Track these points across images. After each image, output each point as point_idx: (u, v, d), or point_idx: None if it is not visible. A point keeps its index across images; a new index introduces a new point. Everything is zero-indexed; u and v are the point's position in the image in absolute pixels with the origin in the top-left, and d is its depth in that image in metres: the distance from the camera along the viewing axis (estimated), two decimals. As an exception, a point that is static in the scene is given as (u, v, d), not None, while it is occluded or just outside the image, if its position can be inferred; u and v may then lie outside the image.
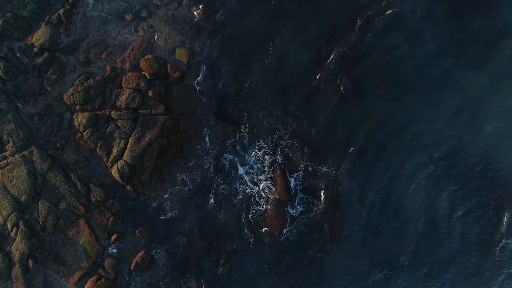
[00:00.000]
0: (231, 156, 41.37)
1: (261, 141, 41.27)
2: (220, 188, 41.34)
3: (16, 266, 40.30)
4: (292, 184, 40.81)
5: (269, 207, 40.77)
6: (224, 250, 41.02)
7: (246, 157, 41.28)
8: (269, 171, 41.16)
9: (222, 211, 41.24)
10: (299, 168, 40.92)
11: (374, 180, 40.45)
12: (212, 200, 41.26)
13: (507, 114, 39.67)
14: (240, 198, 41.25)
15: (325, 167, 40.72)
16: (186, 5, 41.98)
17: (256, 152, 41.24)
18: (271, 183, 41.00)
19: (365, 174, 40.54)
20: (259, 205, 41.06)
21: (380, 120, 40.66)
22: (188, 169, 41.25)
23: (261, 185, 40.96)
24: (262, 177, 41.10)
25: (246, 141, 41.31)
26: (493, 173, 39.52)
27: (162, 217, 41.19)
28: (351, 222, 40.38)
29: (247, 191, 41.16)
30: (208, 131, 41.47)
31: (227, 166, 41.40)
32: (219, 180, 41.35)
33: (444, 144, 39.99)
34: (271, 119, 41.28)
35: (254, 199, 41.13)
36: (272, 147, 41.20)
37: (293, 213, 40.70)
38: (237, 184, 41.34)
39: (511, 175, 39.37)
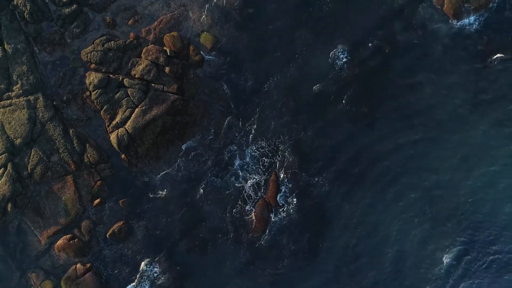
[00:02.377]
0: (233, 148, 41.11)
1: (264, 141, 41.10)
2: (212, 179, 41.15)
3: (-5, 206, 40.18)
4: (282, 192, 40.64)
5: (255, 208, 40.66)
6: (202, 239, 40.91)
7: (246, 152, 41.12)
8: (264, 172, 41.01)
9: (209, 201, 41.08)
10: (293, 177, 40.75)
11: (365, 205, 40.23)
12: (202, 189, 41.11)
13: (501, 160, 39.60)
14: (230, 193, 41.09)
15: (319, 182, 40.53)
16: (221, -8, 41.77)
17: (256, 151, 41.06)
18: (262, 185, 40.86)
19: (359, 198, 40.32)
20: (247, 203, 40.93)
21: (385, 148, 40.49)
22: (185, 153, 41.05)
23: (252, 183, 40.78)
24: (256, 176, 40.96)
25: (250, 137, 41.15)
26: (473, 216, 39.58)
27: (149, 194, 41.01)
28: (331, 245, 40.20)
29: (237, 186, 41.01)
30: (215, 120, 41.20)
31: (226, 158, 41.18)
32: (213, 171, 41.16)
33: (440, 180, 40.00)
34: (279, 123, 41.14)
35: (243, 196, 40.99)
36: (272, 150, 41.04)
37: (277, 220, 40.57)
38: (230, 178, 41.15)
39: (487, 221, 39.33)
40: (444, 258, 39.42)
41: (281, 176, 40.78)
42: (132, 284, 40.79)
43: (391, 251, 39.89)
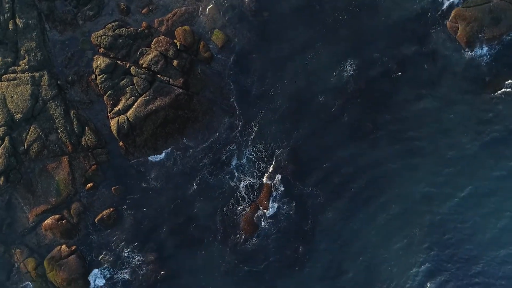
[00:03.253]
0: (233, 147, 41.03)
1: (262, 145, 41.01)
2: (207, 176, 41.07)
3: (-13, 178, 40.08)
4: (275, 198, 40.62)
5: (246, 210, 40.65)
6: (189, 235, 40.85)
7: (244, 154, 41.08)
8: (259, 176, 40.96)
9: (201, 198, 41.00)
10: (287, 185, 40.72)
11: (356, 222, 40.24)
12: (196, 184, 41.03)
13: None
14: (223, 192, 41.01)
15: (313, 193, 40.52)
16: (239, -8, 41.69)
17: (253, 154, 41.02)
18: (256, 188, 40.83)
19: (351, 214, 40.33)
20: (238, 205, 40.90)
21: (382, 167, 40.49)
22: (183, 148, 40.99)
23: (246, 185, 40.75)
24: (250, 179, 40.93)
25: (250, 139, 41.07)
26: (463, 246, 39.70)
27: (143, 184, 40.92)
28: (317, 257, 40.20)
29: (232, 185, 40.95)
30: (217, 118, 41.12)
31: (223, 157, 41.11)
32: (209, 168, 41.08)
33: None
34: (280, 128, 41.06)
35: (236, 197, 40.94)
36: (269, 155, 40.98)
37: (266, 226, 40.54)
38: (225, 176, 41.06)
39: (469, 241, 39.57)
40: (423, 280, 39.59)
41: (275, 182, 40.74)
42: (103, 267, 40.67)
43: (377, 270, 39.88)
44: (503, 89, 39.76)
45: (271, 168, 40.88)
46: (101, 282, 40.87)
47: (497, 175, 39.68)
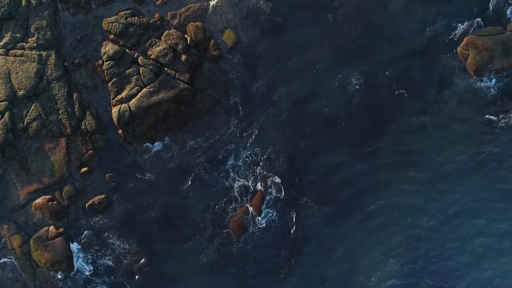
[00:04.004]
0: (231, 147, 40.94)
1: (260, 149, 40.95)
2: (202, 173, 41.00)
3: (-17, 151, 40.03)
4: (267, 204, 40.56)
5: (237, 212, 40.60)
6: (178, 231, 40.81)
7: (241, 155, 40.99)
8: (253, 180, 40.91)
9: (194, 195, 40.91)
10: (281, 192, 40.69)
11: (346, 237, 40.28)
12: (190, 181, 40.97)
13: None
14: (216, 191, 40.92)
15: (307, 203, 40.50)
16: (257, -5, 41.62)
17: (250, 156, 40.95)
18: (250, 192, 40.78)
19: (342, 228, 40.35)
20: (230, 205, 40.83)
21: (379, 183, 40.51)
22: (182, 143, 40.91)
23: (240, 187, 40.71)
24: (245, 182, 40.86)
25: (249, 142, 41.00)
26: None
27: (137, 174, 40.86)
28: (303, 269, 40.21)
29: (226, 185, 40.89)
30: (219, 117, 41.07)
31: (220, 157, 41.01)
32: (205, 166, 41.00)
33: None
34: (280, 134, 41.01)
35: (229, 197, 40.87)
36: (266, 160, 40.89)
37: (255, 231, 40.51)
38: (220, 175, 40.94)
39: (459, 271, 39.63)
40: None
41: (269, 188, 40.71)
42: (88, 251, 40.56)
43: (357, 279, 39.96)
44: (506, 119, 39.83)
45: (266, 173, 40.84)
46: (85, 266, 40.81)
47: (488, 197, 39.81)
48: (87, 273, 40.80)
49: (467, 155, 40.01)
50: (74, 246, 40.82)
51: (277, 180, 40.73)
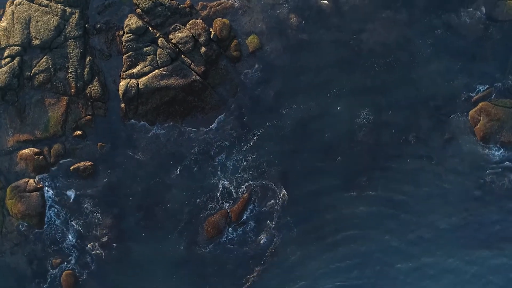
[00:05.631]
0: (226, 144, 40.76)
1: (254, 156, 40.79)
2: (192, 165, 40.85)
3: (-16, 89, 39.87)
4: (248, 214, 40.47)
5: (216, 213, 40.49)
6: (154, 217, 40.63)
7: (234, 156, 40.82)
8: (240, 185, 40.76)
9: (180, 185, 40.75)
10: (264, 206, 40.63)
11: (315, 268, 40.38)
12: (179, 170, 40.83)
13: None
14: (202, 186, 40.74)
15: (288, 224, 40.44)
16: (289, 8, 41.32)
17: (242, 162, 40.80)
18: (233, 197, 40.66)
19: (317, 259, 40.46)
20: (212, 203, 40.69)
21: (364, 222, 40.54)
22: (180, 132, 40.77)
23: (226, 189, 40.60)
24: (231, 185, 40.75)
25: (246, 146, 40.86)
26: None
27: (129, 151, 40.72)
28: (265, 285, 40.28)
29: (212, 182, 40.78)
30: (222, 117, 40.89)
31: (212, 152, 40.79)
32: (196, 159, 40.85)
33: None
34: (277, 148, 40.85)
35: (212, 195, 40.69)
36: (257, 170, 40.74)
37: (229, 236, 40.42)
38: (208, 169, 40.78)
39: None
40: None
41: (253, 198, 40.62)
42: (63, 210, 40.52)
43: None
44: (500, 188, 39.99)
45: (253, 182, 40.72)
46: (56, 218, 40.61)
47: (465, 258, 40.01)
48: (55, 234, 40.74)
49: (453, 208, 40.12)
50: (50, 202, 40.66)
51: (263, 192, 40.64)
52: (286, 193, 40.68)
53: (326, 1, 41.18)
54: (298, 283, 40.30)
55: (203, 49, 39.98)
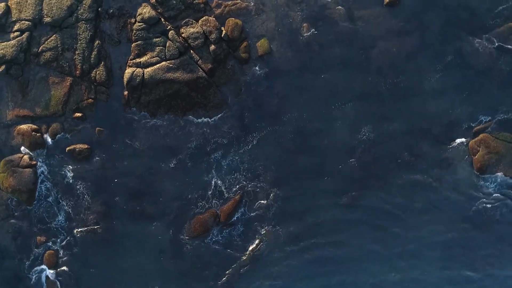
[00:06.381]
0: (222, 141, 40.70)
1: (250, 158, 40.67)
2: (187, 160, 40.75)
3: (-10, 60, 39.82)
4: (236, 217, 40.41)
5: (205, 211, 40.41)
6: (142, 207, 40.65)
7: (230, 156, 40.72)
8: (232, 186, 40.68)
9: (173, 178, 40.71)
10: (254, 211, 40.59)
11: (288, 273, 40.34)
12: (173, 163, 40.77)
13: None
14: (194, 182, 40.74)
15: (277, 232, 40.52)
16: (303, 17, 41.22)
17: (236, 162, 40.64)
18: (225, 197, 40.58)
19: (300, 261, 40.44)
20: (203, 200, 40.60)
21: (348, 252, 40.65)
22: (179, 125, 40.69)
23: (218, 188, 40.53)
24: (223, 185, 40.69)
25: (244, 148, 40.77)
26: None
27: (127, 140, 40.67)
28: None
29: (205, 179, 40.72)
30: (224, 116, 40.82)
31: (208, 149, 40.67)
32: (192, 154, 40.73)
33: None
34: (275, 154, 40.75)
35: (204, 194, 40.63)
36: (250, 171, 40.63)
37: (216, 237, 40.35)
38: (203, 166, 40.67)
39: None
40: None
41: (245, 200, 40.53)
42: (54, 189, 40.38)
43: None
44: (491, 218, 40.03)
45: (246, 184, 40.62)
46: (47, 194, 40.57)
47: (448, 277, 40.11)
48: (43, 213, 40.71)
49: (443, 227, 40.17)
50: (41, 179, 40.60)
51: (256, 196, 40.58)
52: (278, 199, 40.62)
53: (340, 7, 40.86)
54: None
55: (212, 47, 39.91)
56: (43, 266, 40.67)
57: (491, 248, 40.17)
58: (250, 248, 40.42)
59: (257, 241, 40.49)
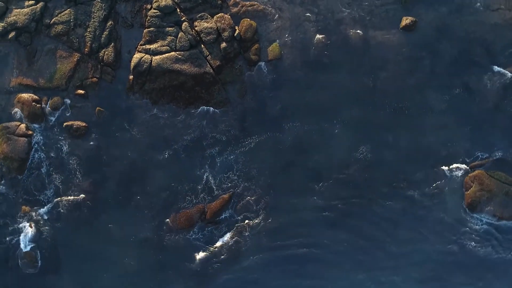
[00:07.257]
0: (220, 138, 40.67)
1: (246, 160, 40.60)
2: (181, 152, 40.70)
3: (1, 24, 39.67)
4: (223, 217, 40.39)
5: (194, 207, 40.34)
6: (131, 193, 40.54)
7: (226, 154, 40.70)
8: (223, 184, 40.61)
9: (165, 168, 40.67)
10: (242, 213, 40.57)
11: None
12: (167, 154, 40.71)
13: None
14: (186, 175, 40.69)
15: (261, 238, 40.32)
16: (317, 28, 41.20)
17: (231, 161, 40.62)
18: (214, 194, 40.55)
19: (279, 270, 40.39)
20: (192, 194, 40.55)
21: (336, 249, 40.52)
22: (179, 117, 40.67)
23: (208, 183, 40.51)
24: (213, 181, 40.61)
25: (242, 149, 40.72)
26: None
27: (125, 124, 40.64)
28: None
29: (197, 173, 40.69)
30: (224, 115, 40.80)
31: (204, 144, 40.63)
32: (187, 146, 40.63)
33: None
34: (271, 160, 40.66)
35: (194, 187, 40.57)
36: (244, 173, 40.60)
37: (199, 233, 40.27)
38: (196, 160, 40.66)
39: None
40: None
41: (234, 200, 40.43)
42: (46, 160, 40.36)
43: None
44: (476, 250, 39.92)
45: (237, 183, 40.52)
46: (39, 162, 40.55)
47: None
48: (30, 185, 40.66)
49: (425, 257, 39.98)
50: (35, 151, 40.51)
51: (245, 198, 40.53)
52: (267, 204, 40.55)
53: (356, 25, 40.88)
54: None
55: (223, 44, 39.87)
56: (23, 236, 40.58)
57: (470, 285, 40.14)
58: (230, 247, 40.29)
59: (239, 243, 40.41)
